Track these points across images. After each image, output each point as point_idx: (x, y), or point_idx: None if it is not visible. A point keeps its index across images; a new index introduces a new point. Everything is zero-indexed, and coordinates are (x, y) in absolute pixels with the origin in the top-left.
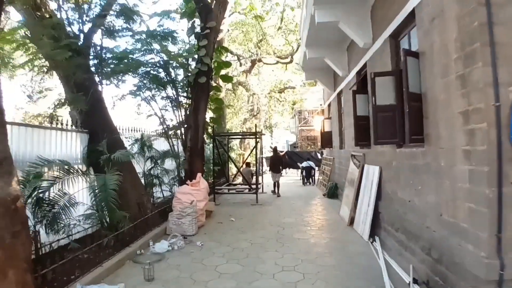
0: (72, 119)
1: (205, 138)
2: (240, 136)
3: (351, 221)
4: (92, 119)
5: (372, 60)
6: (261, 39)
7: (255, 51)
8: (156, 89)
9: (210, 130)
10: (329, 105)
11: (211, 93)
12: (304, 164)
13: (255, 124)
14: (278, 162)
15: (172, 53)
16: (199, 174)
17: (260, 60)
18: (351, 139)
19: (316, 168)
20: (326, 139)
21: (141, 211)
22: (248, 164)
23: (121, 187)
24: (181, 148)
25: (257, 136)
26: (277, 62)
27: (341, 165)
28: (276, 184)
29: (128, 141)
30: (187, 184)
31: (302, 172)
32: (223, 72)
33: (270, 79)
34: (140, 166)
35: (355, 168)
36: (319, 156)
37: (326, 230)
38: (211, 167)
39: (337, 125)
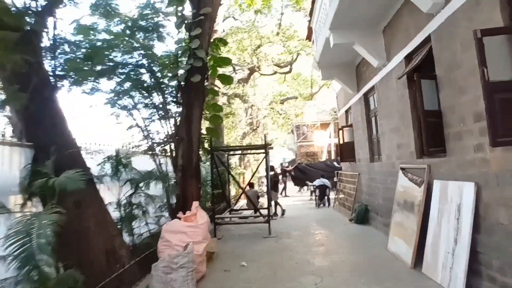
0: (14, 127)
1: (201, 154)
2: (246, 151)
3: (416, 262)
4: (40, 127)
5: (444, 28)
6: (258, 46)
7: (251, 60)
8: (140, 95)
9: (206, 144)
10: (346, 111)
11: (207, 98)
12: (317, 182)
13: (264, 135)
14: (276, 181)
15: (157, 53)
16: (195, 203)
17: (258, 68)
18: (395, 147)
19: (328, 183)
20: (346, 152)
21: (111, 262)
22: (251, 185)
23: (78, 228)
24: (170, 168)
25: (267, 150)
26: (275, 72)
27: (374, 182)
28: (275, 204)
29: (92, 158)
30: (179, 218)
31: (314, 192)
32: (221, 71)
33: (267, 91)
34: (114, 193)
35: (413, 186)
36: (336, 164)
37: (385, 277)
38: (209, 190)
39: (364, 133)
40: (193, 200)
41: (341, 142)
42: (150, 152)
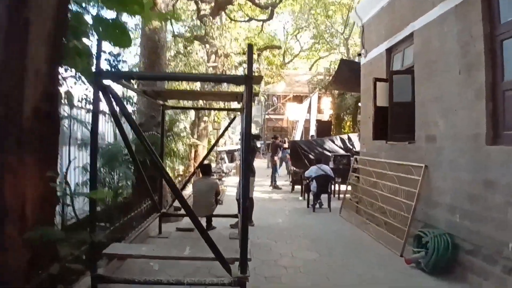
0: None
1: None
2: (206, 93)
3: None
4: None
5: None
6: None
7: None
8: None
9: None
10: (390, 50)
11: None
12: (313, 171)
13: (249, 45)
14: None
15: None
16: None
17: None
18: None
19: (331, 171)
20: (393, 122)
21: None
22: (207, 170)
23: None
24: None
25: (250, 85)
26: (251, 19)
27: (499, 192)
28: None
29: None
30: None
31: (308, 187)
32: None
33: (239, 38)
34: None
35: None
36: (348, 144)
37: None
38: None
39: (470, 81)
40: (21, 210)
41: (374, 106)
42: None
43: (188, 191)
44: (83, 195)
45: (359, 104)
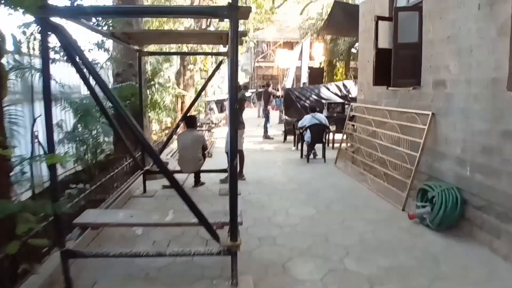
0: None
1: None
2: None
3: None
4: None
5: None
6: None
7: None
8: None
9: None
10: None
11: None
12: (307, 120)
13: None
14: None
15: None
16: None
17: None
18: None
19: (326, 120)
20: (397, 65)
21: None
22: (191, 122)
23: None
24: None
25: (236, 17)
26: None
27: None
28: (241, 157)
29: None
30: None
31: (301, 137)
32: None
33: None
34: None
35: None
36: (344, 91)
37: None
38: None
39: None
40: None
41: (380, 46)
42: None
43: (174, 146)
44: (39, 160)
45: (352, 50)
